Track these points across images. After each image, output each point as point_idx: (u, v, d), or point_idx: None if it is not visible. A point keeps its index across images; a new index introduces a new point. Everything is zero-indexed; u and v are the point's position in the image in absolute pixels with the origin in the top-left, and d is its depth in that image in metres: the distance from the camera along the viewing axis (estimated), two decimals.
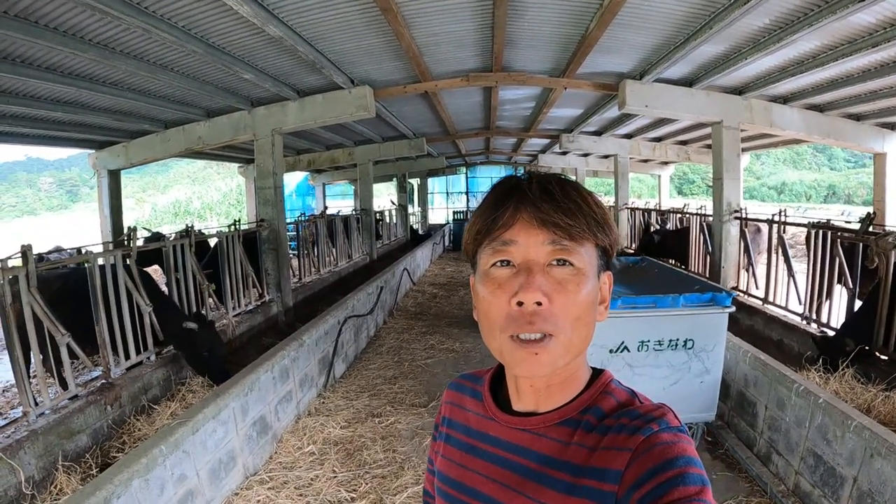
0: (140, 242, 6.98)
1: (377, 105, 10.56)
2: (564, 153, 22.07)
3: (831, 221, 7.88)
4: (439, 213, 32.81)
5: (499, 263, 0.90)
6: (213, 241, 8.78)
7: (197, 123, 10.83)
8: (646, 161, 21.48)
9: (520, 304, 0.85)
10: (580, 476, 0.84)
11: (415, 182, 30.18)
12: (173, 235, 8.36)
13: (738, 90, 10.09)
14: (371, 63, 8.77)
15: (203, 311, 7.41)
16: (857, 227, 7.04)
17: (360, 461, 4.74)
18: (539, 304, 0.85)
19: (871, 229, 6.89)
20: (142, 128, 11.07)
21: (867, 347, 6.08)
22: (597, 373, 0.99)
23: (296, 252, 12.53)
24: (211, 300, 7.82)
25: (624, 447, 0.82)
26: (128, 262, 6.11)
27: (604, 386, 0.95)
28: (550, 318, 0.85)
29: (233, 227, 8.83)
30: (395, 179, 25.84)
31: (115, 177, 12.29)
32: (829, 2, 6.01)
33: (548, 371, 0.88)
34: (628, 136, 17.05)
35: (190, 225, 7.90)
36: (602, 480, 0.82)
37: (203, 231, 8.28)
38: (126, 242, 6.43)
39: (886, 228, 7.34)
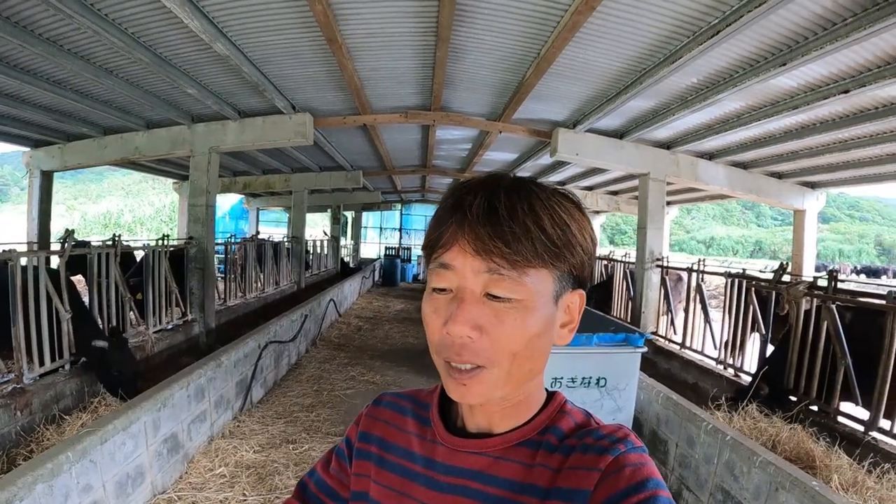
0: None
1: (316, 133, 10.61)
2: None
3: (747, 271, 8.26)
4: (371, 248, 32.58)
5: (438, 290, 0.83)
6: (139, 255, 8.58)
7: (136, 133, 10.62)
8: None
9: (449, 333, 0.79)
10: (547, 498, 0.79)
11: (349, 215, 29.97)
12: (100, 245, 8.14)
13: (667, 144, 10.55)
14: (313, 91, 8.83)
15: (123, 325, 7.21)
16: (771, 277, 7.44)
17: (272, 486, 4.68)
18: (470, 337, 0.78)
19: (784, 279, 7.28)
20: (80, 131, 10.76)
21: (777, 389, 6.40)
22: (550, 393, 0.93)
23: (223, 274, 12.30)
24: (132, 314, 7.62)
25: (593, 467, 0.78)
26: (55, 265, 5.95)
27: (560, 406, 0.90)
28: (481, 353, 0.78)
29: (160, 241, 8.65)
30: (329, 210, 25.62)
31: (47, 178, 11.87)
32: (752, 65, 6.42)
33: (482, 401, 0.82)
34: (561, 183, 17.21)
35: (117, 235, 7.69)
36: (570, 501, 0.77)
37: (129, 244, 8.06)
38: (63, 245, 6.26)
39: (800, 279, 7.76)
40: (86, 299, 6.86)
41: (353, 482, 0.99)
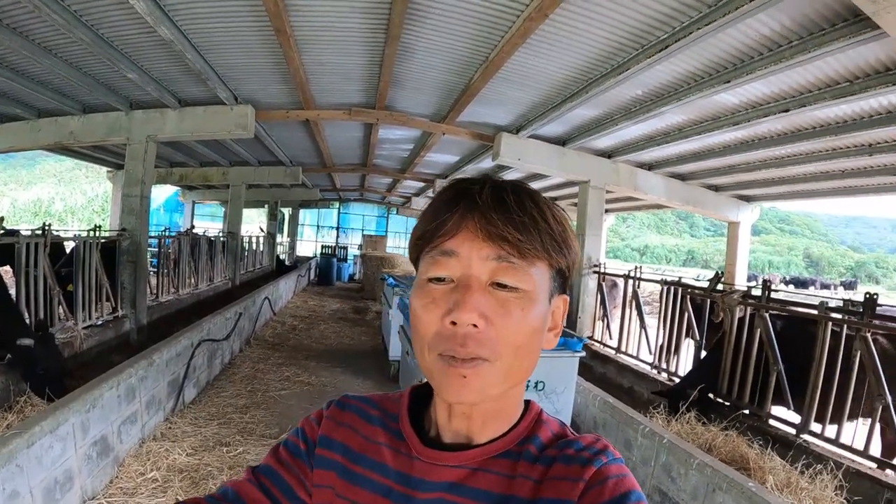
0: None
1: (258, 126, 10.41)
2: None
3: (682, 280, 8.48)
4: (308, 246, 32.22)
5: (436, 280, 0.80)
6: (70, 246, 8.21)
7: (71, 117, 10.15)
8: None
9: (453, 323, 0.75)
10: None
11: (287, 211, 29.56)
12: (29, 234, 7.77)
13: (608, 153, 10.77)
14: (257, 83, 8.66)
15: (51, 320, 6.90)
16: (706, 285, 7.65)
17: (206, 490, 4.53)
18: (475, 325, 0.75)
19: (718, 287, 7.51)
20: (13, 111, 10.25)
21: (710, 394, 6.63)
22: (525, 402, 0.90)
23: (156, 269, 11.94)
24: (61, 308, 7.31)
25: (577, 478, 0.76)
26: None
27: (537, 415, 0.88)
28: (486, 344, 0.75)
29: (92, 232, 8.30)
30: (266, 206, 25.19)
31: None
32: (697, 81, 6.62)
33: (478, 399, 0.78)
34: None
35: (47, 224, 7.35)
36: None
37: (60, 234, 7.71)
38: None
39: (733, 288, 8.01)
40: (13, 292, 6.54)
41: (315, 495, 0.90)
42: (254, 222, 28.52)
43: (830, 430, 5.49)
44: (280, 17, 5.98)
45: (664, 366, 8.05)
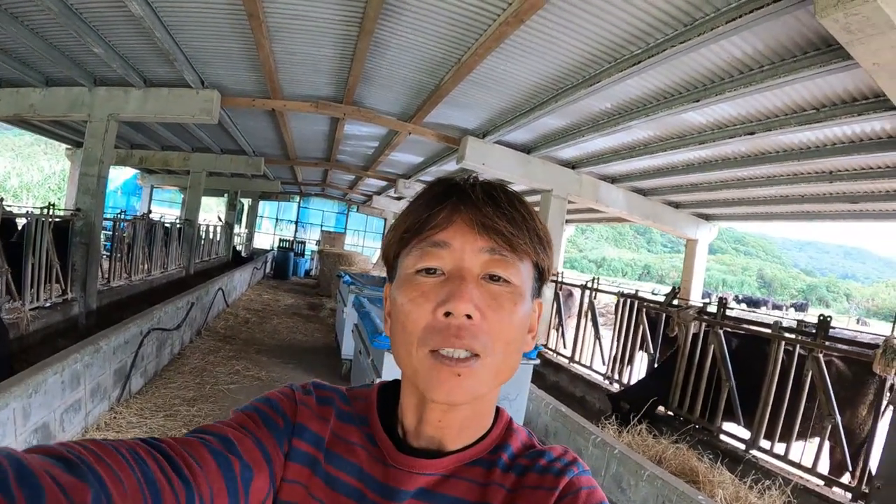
0: None
1: (222, 113, 10.27)
2: (399, 198, 22.38)
3: (639, 293, 8.57)
4: (265, 238, 31.92)
5: (425, 271, 0.78)
6: (21, 223, 7.94)
7: (33, 89, 9.81)
8: None
9: (447, 314, 0.74)
10: None
11: (246, 202, 29.14)
12: None
13: (572, 164, 10.86)
14: (225, 68, 8.51)
15: None
16: (662, 300, 7.75)
17: None
18: (469, 317, 0.74)
19: (674, 302, 7.61)
20: None
21: (661, 407, 6.74)
22: (496, 409, 0.89)
23: (109, 252, 11.67)
24: (6, 288, 7.05)
25: (551, 487, 0.76)
26: None
27: (507, 423, 0.87)
28: (480, 336, 0.74)
29: (46, 210, 8.03)
30: (226, 195, 24.87)
31: None
32: (667, 98, 6.71)
33: (468, 399, 0.76)
34: None
35: None
36: None
37: (12, 210, 7.44)
38: None
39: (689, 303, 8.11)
40: None
41: (284, 490, 0.81)
42: (212, 211, 28.14)
43: (780, 448, 5.59)
44: (254, 1, 5.88)
45: (616, 377, 8.13)
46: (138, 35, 7.27)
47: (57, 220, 8.24)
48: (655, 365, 7.64)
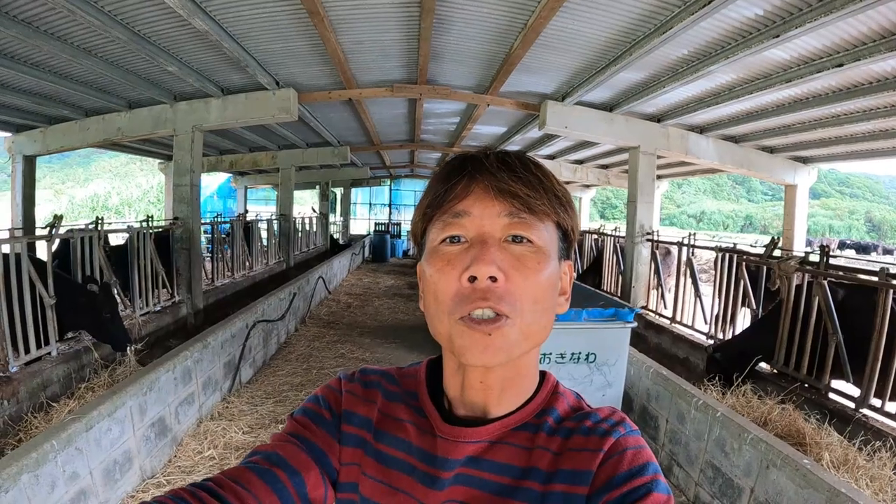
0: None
1: (301, 109, 10.48)
2: None
3: (738, 246, 8.20)
4: (361, 224, 32.48)
5: (448, 240, 0.81)
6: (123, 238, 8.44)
7: (117, 114, 10.45)
8: (568, 183, 21.80)
9: (472, 279, 0.76)
10: (550, 482, 0.78)
11: (338, 191, 29.80)
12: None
13: (657, 118, 10.44)
14: (296, 66, 8.68)
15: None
16: (762, 251, 7.37)
17: None
18: (494, 279, 0.76)
19: (775, 254, 7.21)
20: (61, 113, 10.63)
21: (765, 363, 6.40)
22: (541, 373, 0.91)
23: (211, 254, 12.24)
24: (118, 298, 7.51)
25: (597, 448, 0.78)
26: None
27: (554, 387, 0.89)
28: (506, 297, 0.76)
29: (144, 223, 8.50)
30: (318, 187, 25.48)
31: (30, 163, 11.76)
32: (745, 37, 6.30)
33: (503, 359, 0.77)
34: (551, 157, 17.31)
35: (100, 218, 7.54)
36: (573, 483, 0.77)
37: (113, 226, 7.92)
38: (50, 231, 6.21)
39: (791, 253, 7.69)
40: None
41: (343, 472, 0.89)
42: (307, 203, 28.84)
43: (892, 406, 5.14)
44: (311, 0, 5.94)
45: (720, 335, 7.81)
46: (208, 48, 7.53)
47: (157, 230, 8.66)
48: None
